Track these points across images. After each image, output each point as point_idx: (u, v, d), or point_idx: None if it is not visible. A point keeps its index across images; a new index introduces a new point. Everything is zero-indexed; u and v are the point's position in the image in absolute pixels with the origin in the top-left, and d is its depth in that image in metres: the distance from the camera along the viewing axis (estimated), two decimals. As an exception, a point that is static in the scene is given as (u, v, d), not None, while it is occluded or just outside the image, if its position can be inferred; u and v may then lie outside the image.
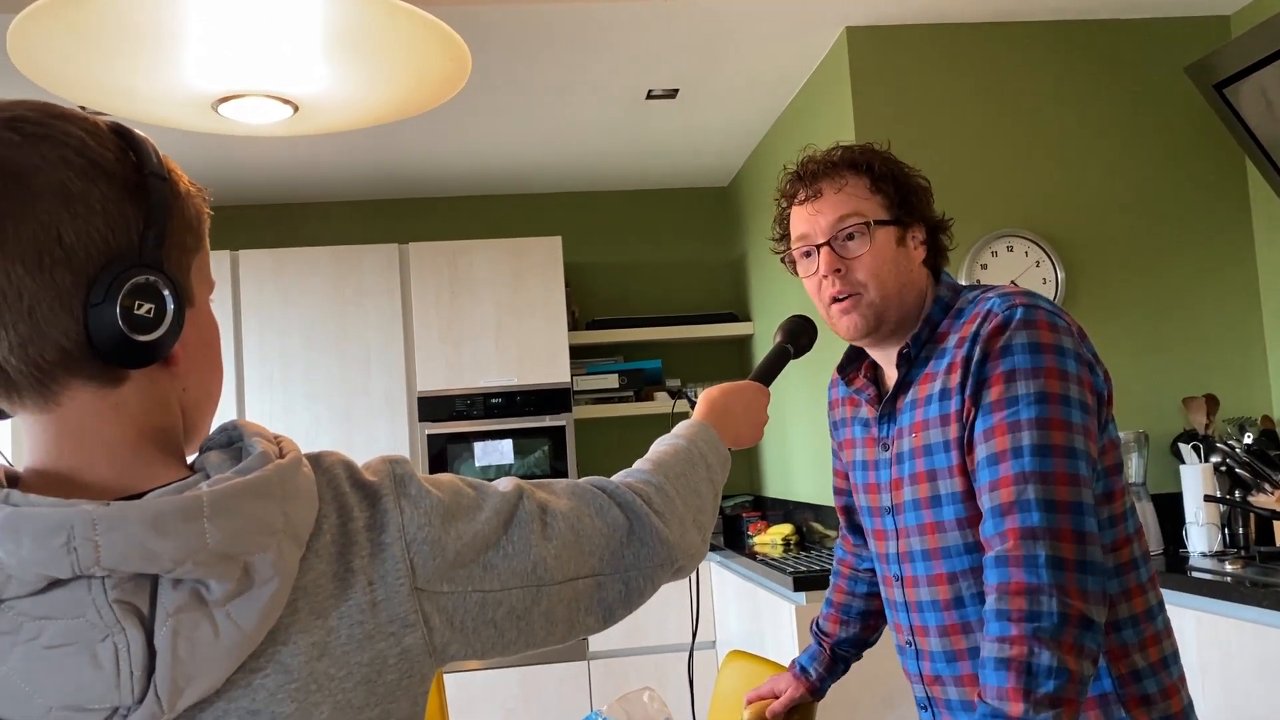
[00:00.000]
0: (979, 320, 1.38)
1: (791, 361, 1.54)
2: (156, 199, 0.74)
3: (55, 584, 0.67)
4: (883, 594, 1.57)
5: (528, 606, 0.87)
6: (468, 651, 0.85)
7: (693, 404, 1.34)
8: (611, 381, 4.67)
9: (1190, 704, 1.39)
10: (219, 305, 4.27)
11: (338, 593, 0.76)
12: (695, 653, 4.19)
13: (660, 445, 1.12)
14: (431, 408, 4.36)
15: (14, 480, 0.75)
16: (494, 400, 4.39)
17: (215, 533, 0.69)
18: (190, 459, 0.81)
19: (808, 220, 1.48)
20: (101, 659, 0.66)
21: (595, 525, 0.93)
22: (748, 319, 4.88)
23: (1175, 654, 1.40)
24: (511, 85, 3.64)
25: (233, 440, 0.80)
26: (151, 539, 0.67)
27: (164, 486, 0.72)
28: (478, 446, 4.37)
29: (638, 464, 1.07)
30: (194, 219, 0.80)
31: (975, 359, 1.35)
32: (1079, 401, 1.32)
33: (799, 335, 1.52)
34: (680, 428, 1.17)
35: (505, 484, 0.91)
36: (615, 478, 1.02)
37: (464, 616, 0.83)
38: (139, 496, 0.70)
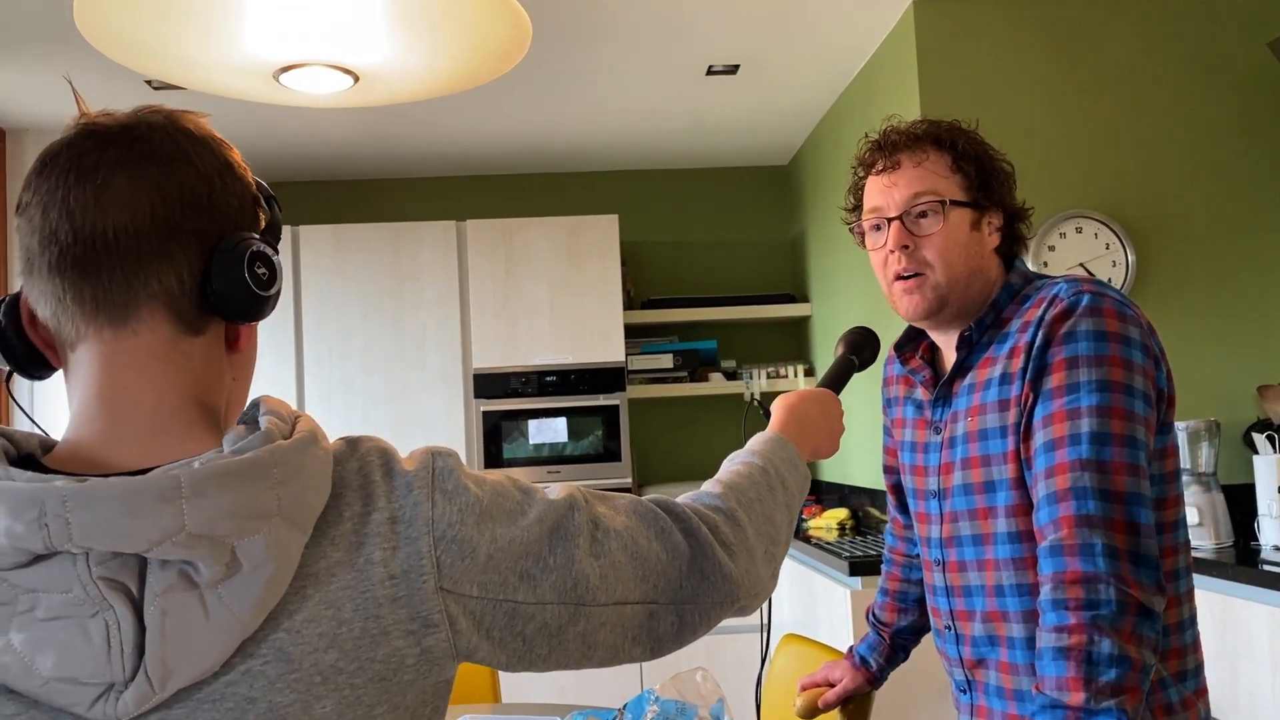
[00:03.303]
0: (1044, 305, 1.34)
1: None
2: (277, 214, 0.85)
3: (39, 558, 0.67)
4: (924, 577, 1.55)
5: (563, 625, 0.82)
6: (494, 660, 0.81)
7: (762, 405, 1.29)
8: (666, 361, 4.64)
9: (1207, 716, 1.36)
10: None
11: (354, 584, 0.73)
12: (744, 636, 4.17)
13: (734, 464, 1.04)
14: (486, 385, 4.37)
15: (48, 450, 0.76)
16: (548, 378, 4.39)
17: (195, 515, 0.67)
18: None
19: (882, 192, 1.45)
20: (93, 635, 0.66)
21: (653, 549, 0.87)
22: (805, 300, 4.82)
23: (1198, 669, 1.37)
24: (570, 61, 3.62)
25: (256, 417, 0.79)
26: (124, 518, 0.66)
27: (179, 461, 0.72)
28: (531, 424, 4.37)
29: (708, 485, 1.00)
30: None
31: (1038, 344, 1.32)
32: (1142, 393, 1.28)
33: (862, 348, 1.49)
34: (756, 443, 1.10)
35: (559, 491, 0.86)
36: (683, 499, 0.96)
37: (492, 624, 0.79)
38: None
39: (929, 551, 1.51)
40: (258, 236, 0.79)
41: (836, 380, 1.40)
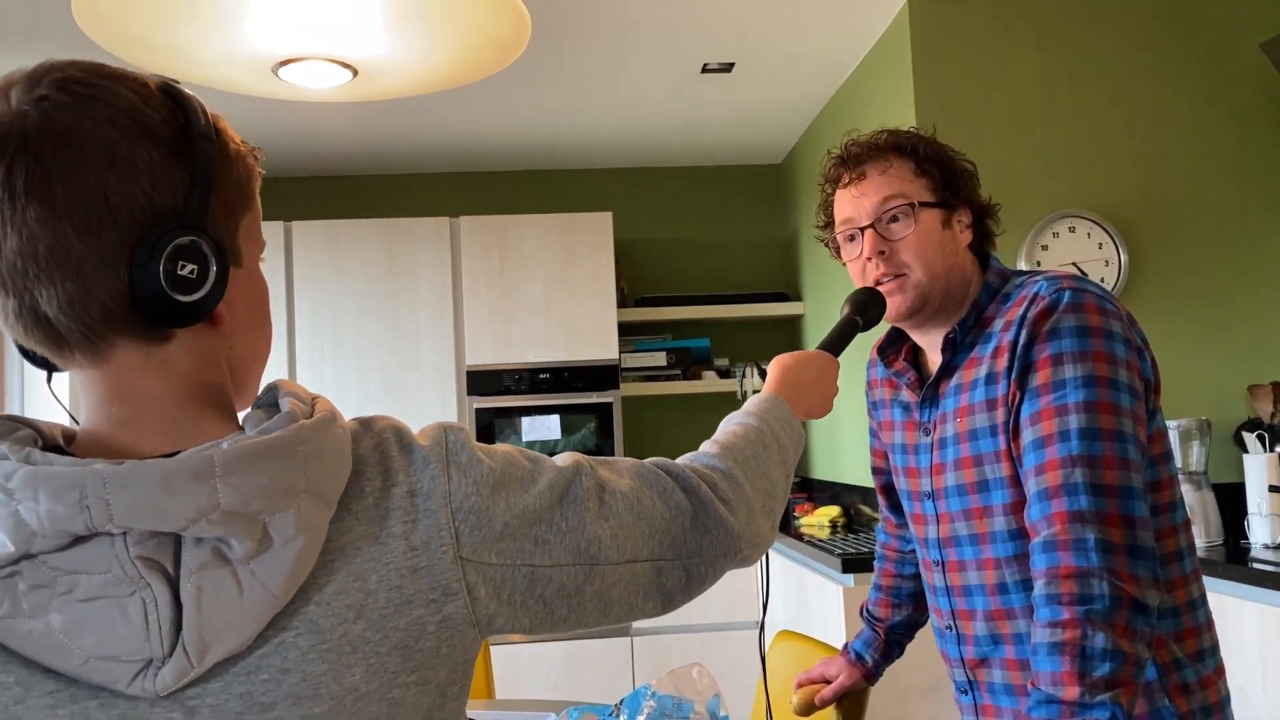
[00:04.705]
0: (1025, 303, 1.36)
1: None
2: (201, 160, 0.75)
3: (79, 540, 0.69)
4: (922, 577, 1.56)
5: (579, 585, 0.85)
6: (515, 625, 0.83)
7: (758, 365, 1.32)
8: (659, 359, 4.65)
9: (1228, 695, 1.37)
10: (272, 275, 4.31)
11: (377, 556, 0.76)
12: (739, 633, 4.17)
13: (730, 424, 1.08)
14: (480, 382, 4.37)
15: (70, 440, 0.77)
16: (542, 376, 4.39)
17: (228, 492, 0.69)
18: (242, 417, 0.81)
19: (852, 203, 1.47)
20: (131, 613, 0.68)
21: (657, 508, 0.91)
22: (798, 299, 4.83)
23: (1214, 647, 1.37)
24: (565, 58, 3.62)
25: (276, 400, 0.80)
26: (162, 498, 0.68)
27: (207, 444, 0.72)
28: (525, 421, 4.37)
29: (705, 445, 1.04)
30: (243, 179, 0.80)
31: (1021, 342, 1.33)
32: (1128, 386, 1.29)
33: (867, 308, 1.50)
34: (751, 403, 1.13)
35: (565, 459, 0.89)
36: (682, 460, 0.99)
37: (512, 590, 0.81)
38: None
39: (927, 552, 1.51)
40: (179, 223, 0.72)
41: (837, 341, 1.40)
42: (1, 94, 0.73)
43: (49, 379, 0.83)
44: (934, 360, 1.50)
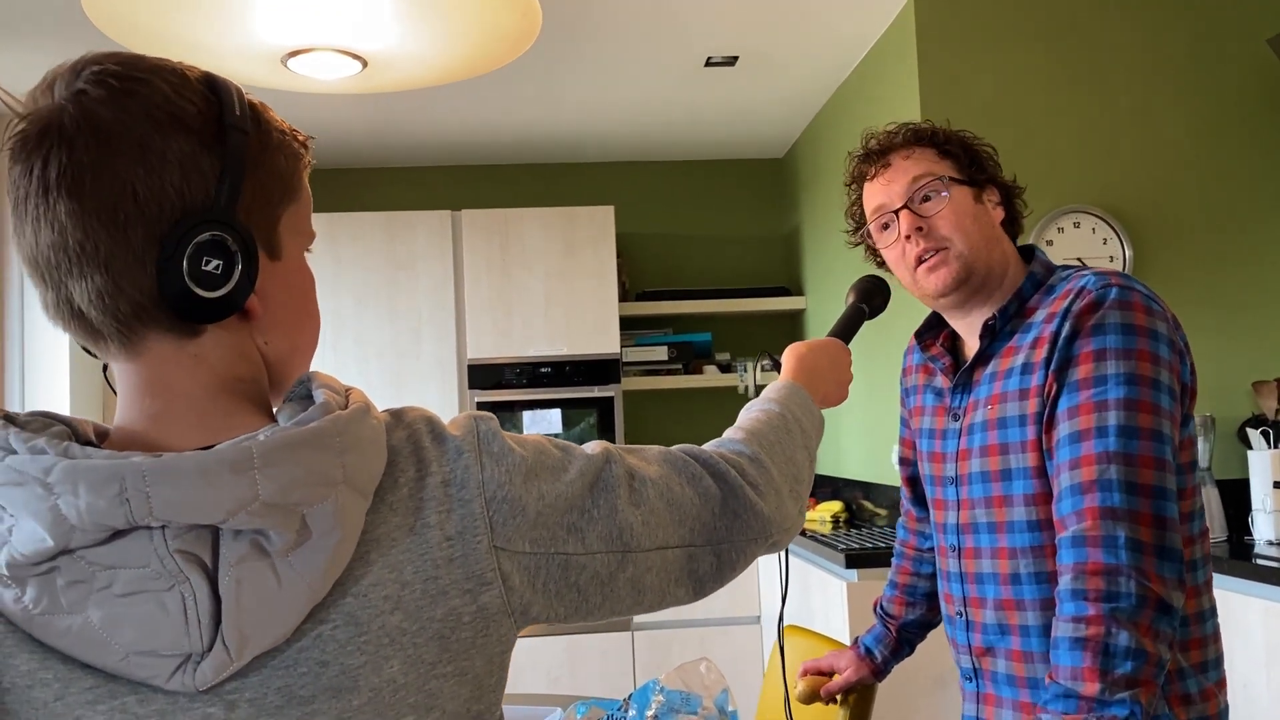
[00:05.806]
0: (1071, 296, 1.35)
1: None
2: (233, 152, 0.74)
3: (118, 534, 0.68)
4: (936, 563, 1.56)
5: (613, 572, 0.85)
6: (550, 614, 0.83)
7: (772, 356, 1.33)
8: (660, 354, 4.64)
9: (1226, 708, 1.37)
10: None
11: (413, 547, 0.75)
12: (740, 628, 4.17)
13: (751, 411, 1.09)
14: (481, 375, 4.37)
15: (103, 436, 0.77)
16: (543, 369, 4.38)
17: (267, 484, 0.69)
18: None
19: (882, 191, 1.48)
20: (170, 608, 0.68)
21: (687, 494, 0.90)
22: (800, 293, 4.82)
23: (1218, 660, 1.37)
24: (569, 51, 3.60)
25: (309, 392, 0.80)
26: (201, 490, 0.67)
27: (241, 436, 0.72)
28: (526, 415, 4.36)
29: (729, 433, 1.04)
30: (285, 169, 0.79)
31: (1064, 335, 1.33)
32: (1168, 387, 1.29)
33: (873, 295, 1.50)
34: (771, 391, 1.14)
35: (593, 447, 0.89)
36: (708, 446, 0.99)
37: (546, 578, 0.81)
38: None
39: (945, 538, 1.52)
40: (206, 218, 0.72)
41: (846, 329, 1.41)
42: (46, 87, 0.73)
43: (104, 368, 0.82)
44: (971, 347, 1.50)
